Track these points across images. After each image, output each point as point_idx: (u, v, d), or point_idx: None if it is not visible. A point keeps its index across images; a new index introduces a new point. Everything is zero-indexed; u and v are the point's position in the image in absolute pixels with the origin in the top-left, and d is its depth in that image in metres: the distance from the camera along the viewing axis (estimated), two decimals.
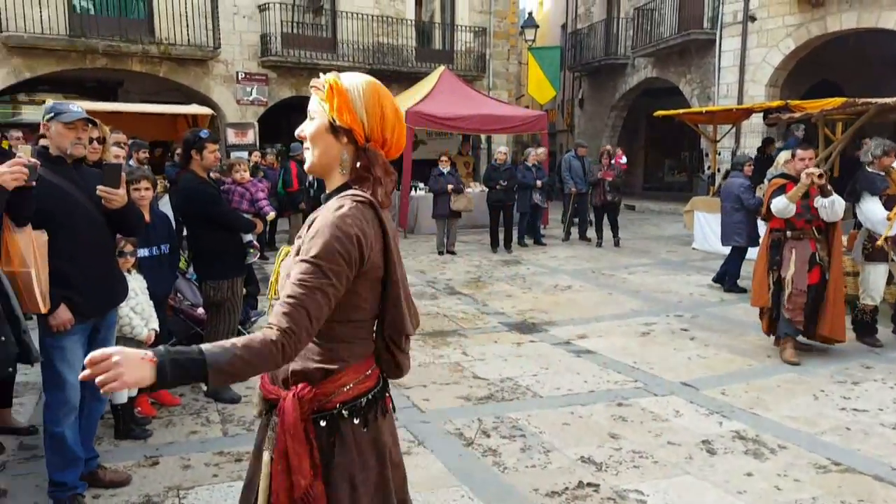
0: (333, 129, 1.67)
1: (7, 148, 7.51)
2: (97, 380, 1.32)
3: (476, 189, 13.84)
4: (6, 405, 4.27)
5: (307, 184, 10.95)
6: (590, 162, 12.62)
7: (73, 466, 3.31)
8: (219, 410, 4.58)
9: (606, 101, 20.63)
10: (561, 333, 6.56)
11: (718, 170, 13.49)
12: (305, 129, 1.72)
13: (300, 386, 1.66)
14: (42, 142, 3.52)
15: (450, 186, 11.01)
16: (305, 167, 1.75)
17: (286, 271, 1.64)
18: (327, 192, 1.73)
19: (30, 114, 14.47)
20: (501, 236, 11.51)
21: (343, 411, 1.68)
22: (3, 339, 2.66)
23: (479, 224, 12.88)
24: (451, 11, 17.55)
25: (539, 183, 11.77)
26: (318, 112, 1.69)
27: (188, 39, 13.54)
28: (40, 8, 11.98)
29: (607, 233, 11.98)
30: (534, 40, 18.65)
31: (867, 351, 5.96)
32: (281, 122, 16.25)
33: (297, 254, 1.62)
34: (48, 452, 3.29)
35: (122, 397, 4.07)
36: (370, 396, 1.73)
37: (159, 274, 4.41)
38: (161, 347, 1.42)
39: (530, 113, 15.31)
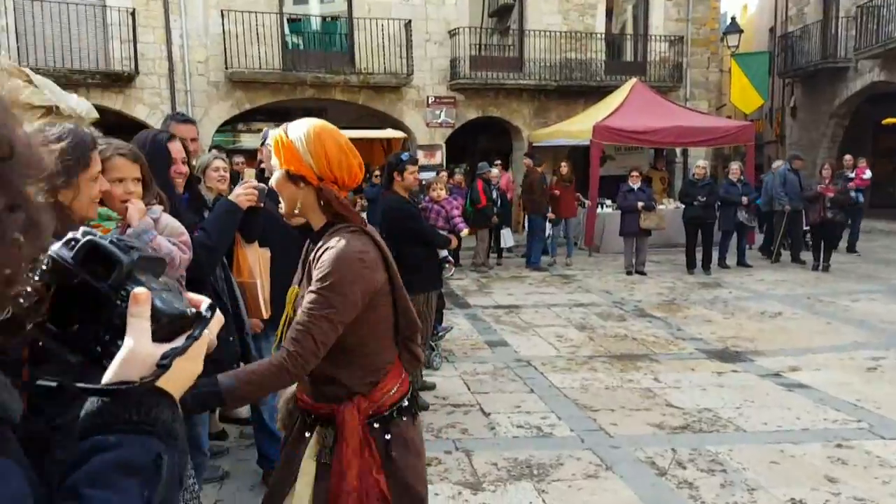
0: (291, 178, 1.84)
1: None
2: None
3: (670, 206, 13.12)
4: None
5: (493, 198, 11.06)
6: (805, 176, 11.42)
7: (276, 445, 3.64)
8: None
9: (824, 109, 18.63)
10: (769, 364, 5.94)
11: None
12: (272, 181, 1.92)
13: (357, 399, 1.84)
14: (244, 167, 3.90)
15: (639, 203, 10.50)
16: (282, 213, 1.92)
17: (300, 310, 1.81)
18: (315, 231, 1.91)
19: (247, 141, 16.15)
20: (699, 256, 10.76)
21: (394, 413, 1.89)
22: (231, 338, 2.94)
23: (673, 243, 12.18)
24: (643, 22, 16.93)
25: (745, 199, 10.85)
26: (276, 166, 1.87)
27: (384, 68, 14.30)
28: (259, 46, 13.39)
29: (841, 256, 10.66)
30: (737, 46, 17.37)
31: None
32: (467, 141, 16.64)
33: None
34: (257, 431, 3.74)
35: None
36: (410, 395, 1.96)
37: None
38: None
39: (733, 123, 14.23)
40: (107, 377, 0.73)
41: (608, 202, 13.22)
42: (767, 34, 22.53)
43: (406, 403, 1.93)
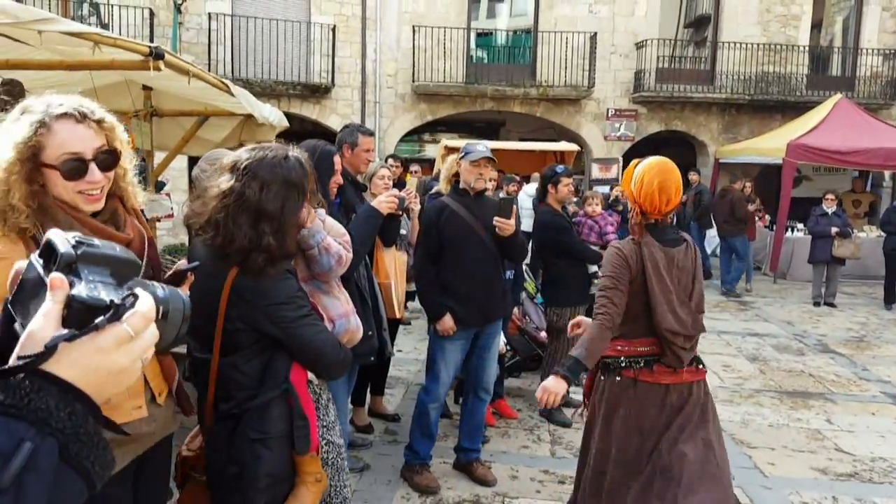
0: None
1: (405, 180, 8.90)
2: (542, 397, 2.56)
3: (872, 234, 11.90)
4: (379, 393, 4.99)
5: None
6: None
7: (428, 440, 3.84)
8: (550, 431, 4.77)
9: None
10: None
11: None
12: None
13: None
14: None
15: (833, 229, 9.66)
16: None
17: None
18: None
19: (429, 151, 16.90)
20: None
21: (613, 363, 2.72)
22: (370, 333, 3.14)
23: (872, 274, 11.06)
24: (854, 33, 15.45)
25: None
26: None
27: (565, 81, 14.34)
28: (445, 60, 14.00)
29: None
30: None
31: None
32: (647, 156, 16.16)
33: None
34: (414, 423, 3.86)
35: None
36: (629, 361, 2.69)
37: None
38: (563, 366, 2.59)
39: None
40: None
41: (799, 226, 12.25)
42: None
43: (621, 363, 2.69)
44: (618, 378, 2.69)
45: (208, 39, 13.20)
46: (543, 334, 5.28)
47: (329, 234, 2.46)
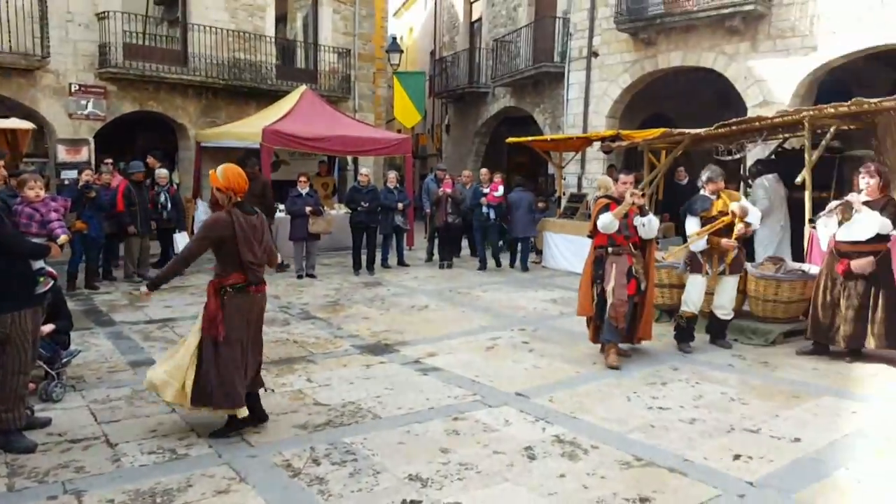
0: (217, 189, 4.30)
1: None
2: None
3: (341, 210, 13.65)
4: None
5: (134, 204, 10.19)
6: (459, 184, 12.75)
7: None
8: (7, 462, 3.99)
9: (470, 128, 21.11)
10: (411, 353, 6.51)
11: (564, 193, 14.24)
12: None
13: (218, 280, 4.34)
14: None
15: (308, 208, 10.77)
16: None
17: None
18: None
19: None
20: (364, 258, 11.41)
21: (228, 288, 4.32)
22: None
23: (344, 246, 12.70)
24: (314, 31, 17.34)
25: (400, 205, 11.77)
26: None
27: (10, 46, 12.35)
28: None
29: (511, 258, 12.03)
30: (398, 65, 18.78)
31: (679, 355, 6.44)
32: (124, 137, 15.22)
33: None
34: None
35: None
36: (238, 286, 4.33)
37: None
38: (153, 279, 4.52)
39: (394, 136, 15.36)
40: None
41: (281, 206, 13.25)
42: (429, 57, 24.76)
43: (238, 287, 4.31)
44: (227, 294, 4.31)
45: None
46: None
47: None
